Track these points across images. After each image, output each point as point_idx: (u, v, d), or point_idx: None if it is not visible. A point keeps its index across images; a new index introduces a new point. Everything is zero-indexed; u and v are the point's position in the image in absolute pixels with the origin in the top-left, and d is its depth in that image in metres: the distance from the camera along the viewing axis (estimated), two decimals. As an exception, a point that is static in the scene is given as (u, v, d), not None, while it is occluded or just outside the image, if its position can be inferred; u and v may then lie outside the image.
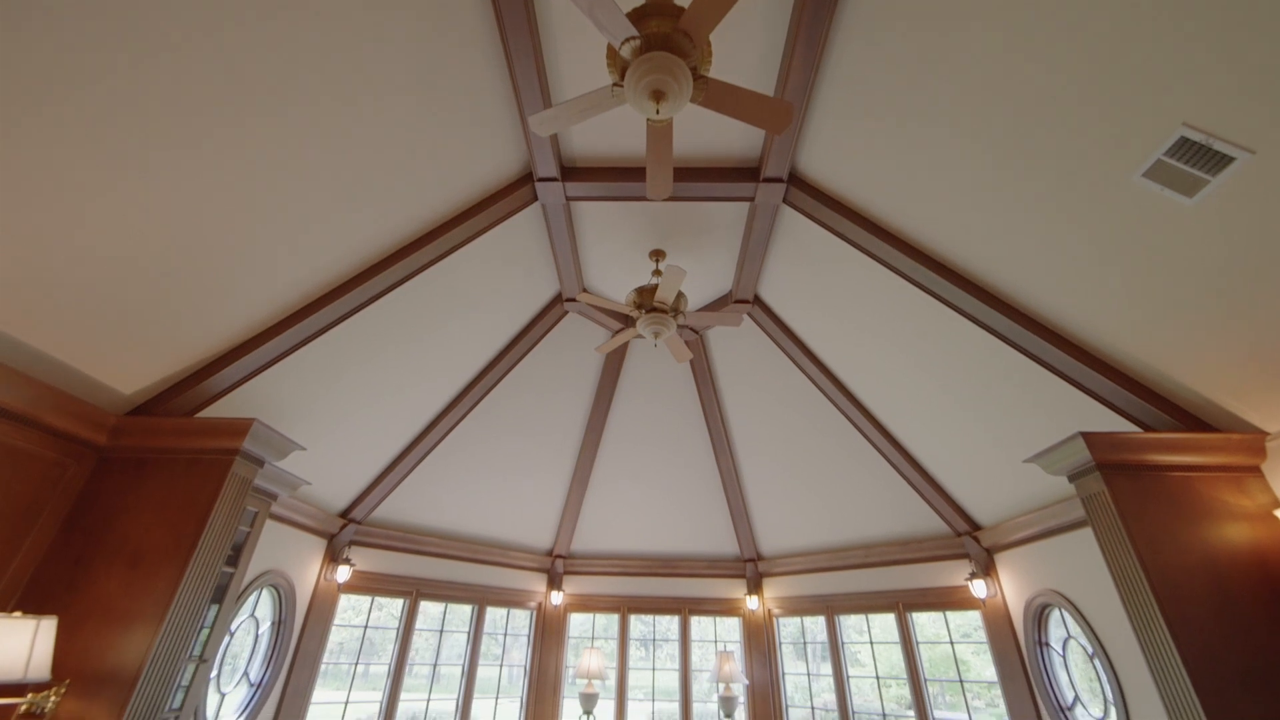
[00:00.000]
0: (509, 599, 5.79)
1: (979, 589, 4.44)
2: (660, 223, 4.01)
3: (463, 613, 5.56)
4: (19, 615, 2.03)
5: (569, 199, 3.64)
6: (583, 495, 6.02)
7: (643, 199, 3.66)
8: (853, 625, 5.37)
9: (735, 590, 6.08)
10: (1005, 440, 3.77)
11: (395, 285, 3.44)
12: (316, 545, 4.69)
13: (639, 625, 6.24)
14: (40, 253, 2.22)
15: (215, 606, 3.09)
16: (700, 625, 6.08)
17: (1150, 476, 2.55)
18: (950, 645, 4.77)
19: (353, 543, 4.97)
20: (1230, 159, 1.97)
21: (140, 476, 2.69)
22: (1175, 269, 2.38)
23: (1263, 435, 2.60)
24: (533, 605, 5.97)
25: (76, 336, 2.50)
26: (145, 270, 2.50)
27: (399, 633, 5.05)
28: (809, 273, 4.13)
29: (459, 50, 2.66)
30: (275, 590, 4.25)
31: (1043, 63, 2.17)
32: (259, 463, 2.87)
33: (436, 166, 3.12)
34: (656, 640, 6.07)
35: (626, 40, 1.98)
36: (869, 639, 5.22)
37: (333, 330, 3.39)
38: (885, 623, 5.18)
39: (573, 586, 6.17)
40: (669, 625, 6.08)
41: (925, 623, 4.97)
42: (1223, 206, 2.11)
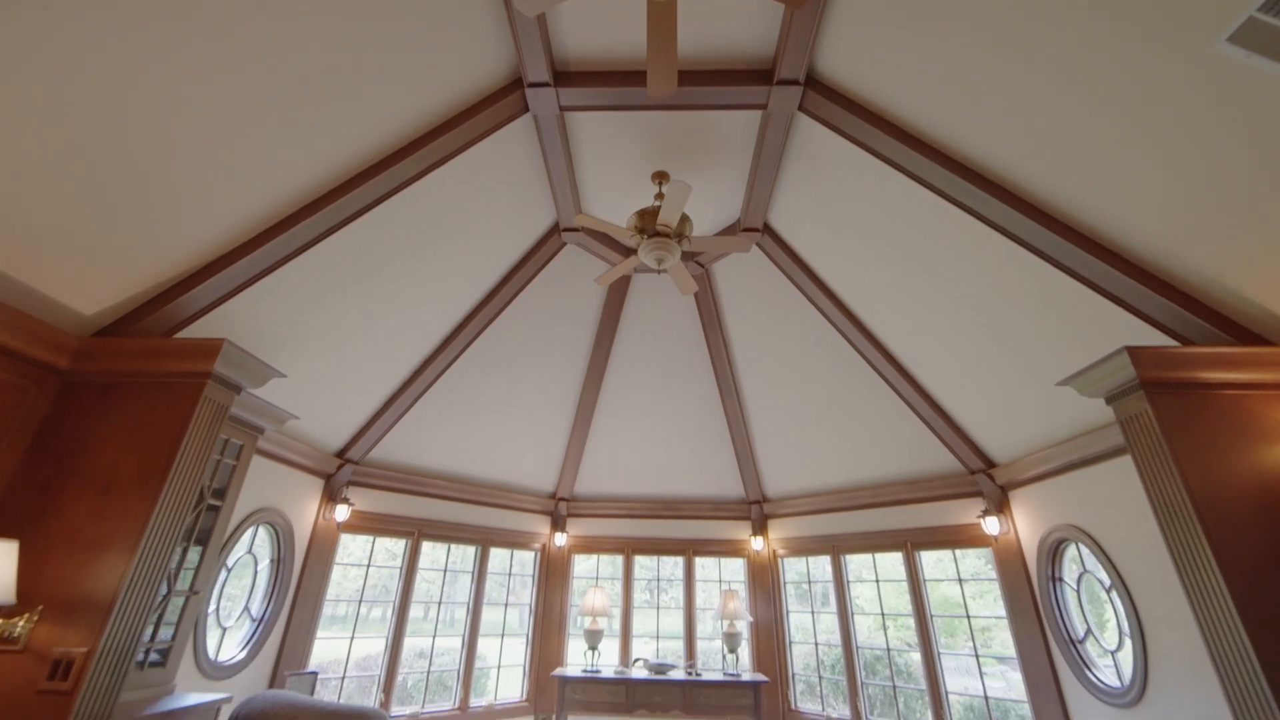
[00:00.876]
0: (513, 540, 5.76)
1: (991, 526, 4.33)
2: (664, 140, 3.69)
3: (467, 553, 5.54)
4: (-25, 539, 1.89)
5: (563, 108, 3.31)
6: (585, 437, 5.90)
7: (644, 108, 3.33)
8: (857, 565, 5.32)
9: (740, 532, 6.03)
10: (1031, 369, 3.55)
11: (377, 201, 3.17)
12: (313, 485, 4.59)
13: (643, 570, 6.24)
14: (-36, 144, 1.97)
15: (200, 545, 2.98)
16: (705, 566, 6.07)
17: (1199, 395, 2.33)
18: (958, 583, 4.70)
19: (351, 483, 4.88)
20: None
21: (108, 401, 2.52)
22: (1247, 158, 2.09)
23: (1326, 351, 2.37)
24: (537, 547, 5.94)
25: (28, 252, 2.28)
26: (101, 181, 2.24)
27: (402, 571, 5.03)
28: (823, 193, 3.82)
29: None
30: (272, 528, 4.18)
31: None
32: (235, 389, 2.69)
33: (417, 67, 2.80)
34: (661, 582, 6.07)
35: None
36: (875, 578, 5.17)
37: (313, 250, 3.14)
38: (891, 562, 5.12)
39: (576, 529, 6.13)
40: (674, 567, 6.07)
41: (929, 563, 4.89)
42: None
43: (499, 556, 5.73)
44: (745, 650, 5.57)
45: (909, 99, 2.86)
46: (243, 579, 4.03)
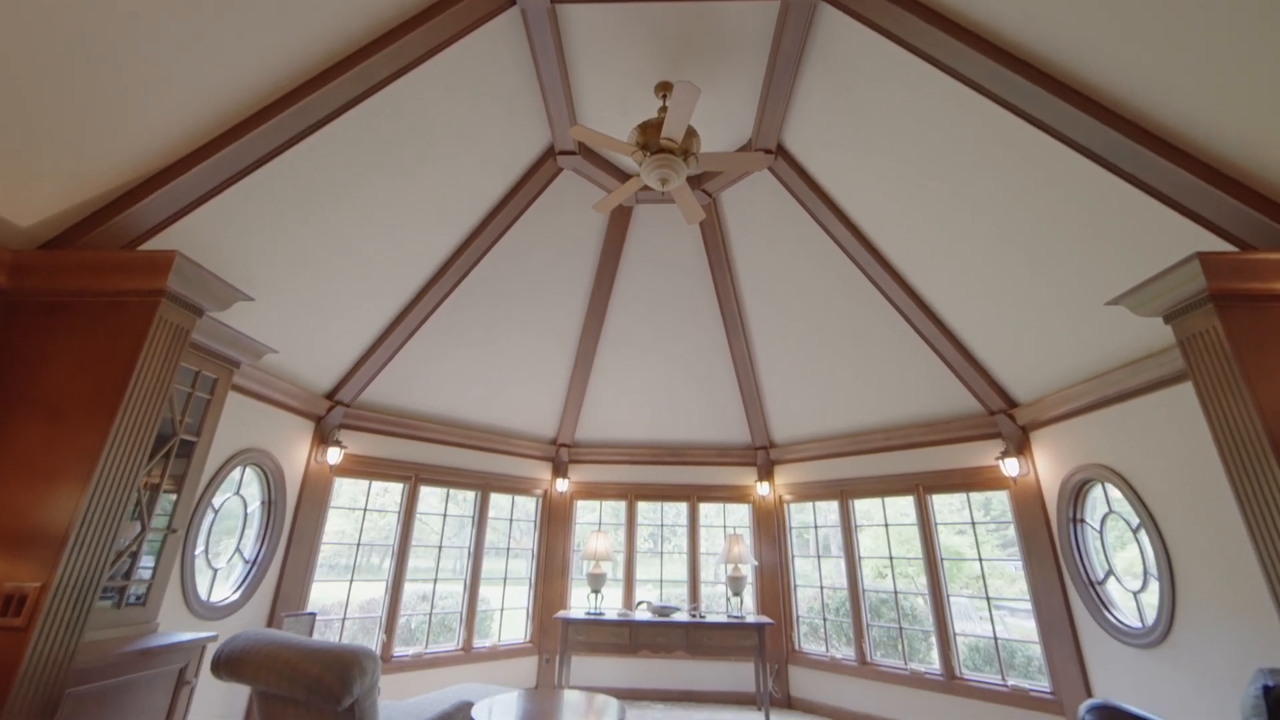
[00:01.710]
0: (513, 486, 5.64)
1: (1010, 468, 4.14)
2: (668, 45, 3.30)
3: (467, 498, 5.43)
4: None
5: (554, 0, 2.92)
6: (586, 381, 5.68)
7: (646, -2, 2.94)
8: (865, 509, 5.18)
9: (746, 478, 5.89)
10: (1068, 296, 3.27)
11: (347, 106, 2.84)
12: (303, 426, 4.42)
13: (647, 517, 6.15)
14: None
15: (176, 481, 2.81)
16: (709, 512, 5.96)
17: (1275, 310, 2.06)
18: (971, 527, 4.56)
19: (343, 426, 4.70)
20: None
21: (54, 322, 2.28)
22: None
23: None
24: (538, 493, 5.83)
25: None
26: (31, 70, 1.93)
27: (400, 515, 4.93)
28: (843, 106, 3.45)
29: None
30: (260, 469, 4.02)
31: None
32: (196, 310, 2.44)
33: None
34: (665, 529, 5.98)
35: None
36: (884, 521, 5.04)
37: (282, 159, 2.83)
38: (900, 506, 4.98)
39: (578, 475, 6.00)
40: (677, 514, 5.97)
41: (940, 507, 4.74)
42: None
43: (500, 502, 5.63)
44: (749, 594, 5.52)
45: (952, -25, 2.47)
46: (231, 521, 3.91)
